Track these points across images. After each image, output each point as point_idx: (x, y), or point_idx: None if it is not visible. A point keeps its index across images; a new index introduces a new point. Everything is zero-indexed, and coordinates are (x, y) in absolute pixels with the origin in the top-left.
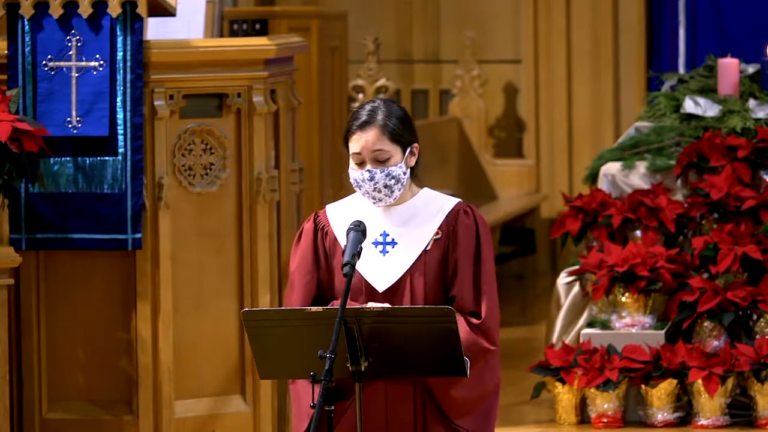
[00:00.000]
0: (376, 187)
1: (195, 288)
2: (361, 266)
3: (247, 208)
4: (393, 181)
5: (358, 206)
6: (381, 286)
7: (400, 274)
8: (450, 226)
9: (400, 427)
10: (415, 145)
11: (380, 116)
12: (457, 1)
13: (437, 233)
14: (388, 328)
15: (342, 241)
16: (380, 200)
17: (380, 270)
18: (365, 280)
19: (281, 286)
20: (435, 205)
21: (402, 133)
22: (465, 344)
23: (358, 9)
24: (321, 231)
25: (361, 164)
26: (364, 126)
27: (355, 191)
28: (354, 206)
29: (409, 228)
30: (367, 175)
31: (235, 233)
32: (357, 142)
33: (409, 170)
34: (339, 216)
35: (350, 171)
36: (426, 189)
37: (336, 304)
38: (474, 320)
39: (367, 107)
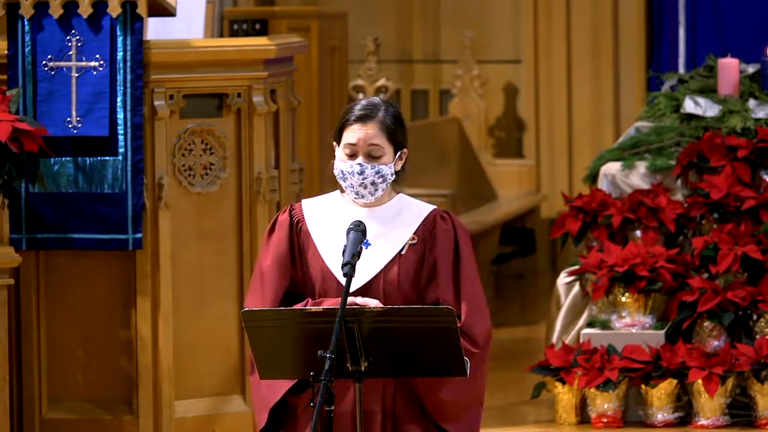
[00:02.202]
0: (363, 183)
1: (195, 288)
2: (333, 265)
3: (247, 208)
4: (380, 179)
5: (334, 205)
6: (352, 285)
7: (372, 275)
8: (427, 231)
9: (368, 421)
10: (405, 150)
11: (381, 113)
12: (457, 1)
13: (413, 238)
14: (388, 328)
15: (315, 236)
16: (363, 197)
17: None
18: (337, 279)
19: None
20: (411, 211)
21: (398, 134)
22: None
23: (358, 9)
24: (296, 224)
25: (352, 156)
26: (365, 119)
27: (332, 190)
28: (330, 204)
29: (385, 230)
30: (357, 168)
31: (235, 233)
32: (354, 133)
33: (394, 174)
34: (314, 212)
35: (338, 162)
36: (402, 194)
37: (312, 304)
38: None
39: (367, 102)
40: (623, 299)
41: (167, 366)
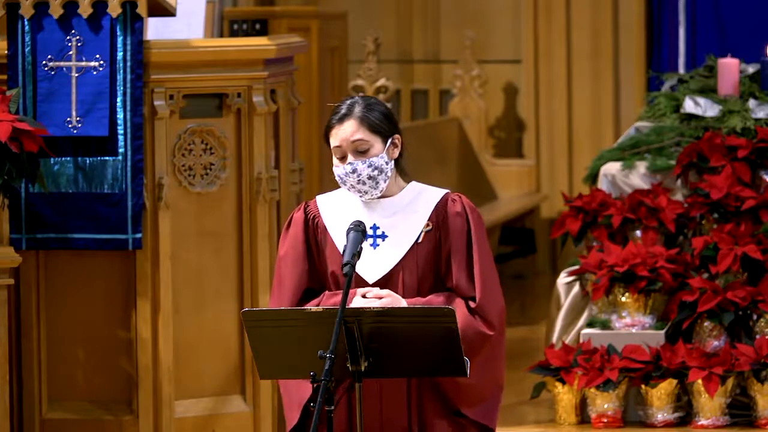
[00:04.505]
0: (360, 179)
1: (195, 288)
2: None
3: (247, 208)
4: (376, 171)
5: (347, 198)
6: (371, 278)
7: (391, 267)
8: (440, 216)
9: (394, 423)
10: (397, 136)
11: (358, 109)
12: (457, 1)
13: (428, 225)
14: (388, 328)
15: (332, 231)
16: (366, 192)
17: (371, 262)
18: (356, 272)
19: None
20: (423, 197)
21: (381, 123)
22: (462, 330)
23: (358, 9)
24: (312, 221)
25: (342, 159)
26: (342, 119)
27: (332, 189)
28: (344, 198)
29: (399, 220)
30: (349, 168)
31: (235, 233)
32: (336, 136)
33: (393, 162)
34: (329, 207)
35: (334, 168)
36: (414, 182)
37: (329, 296)
38: (471, 303)
39: (346, 102)
40: (623, 299)
41: (167, 366)
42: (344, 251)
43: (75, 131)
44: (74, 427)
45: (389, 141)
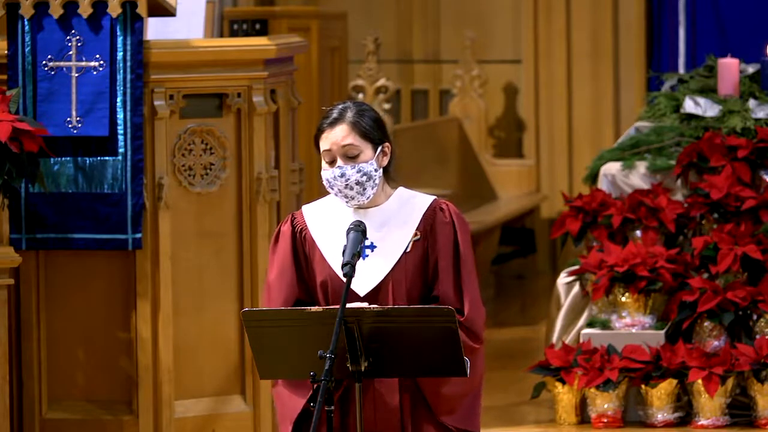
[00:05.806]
0: (347, 184)
1: (195, 288)
2: (341, 271)
3: (247, 208)
4: (365, 177)
5: (335, 208)
6: (362, 290)
7: (381, 278)
8: (428, 225)
9: (387, 423)
10: (387, 144)
11: (349, 114)
12: (457, 1)
13: (416, 234)
14: (388, 328)
15: (320, 243)
16: (352, 198)
17: (360, 274)
18: (345, 283)
19: None
20: (411, 206)
21: (372, 130)
22: None
23: (358, 9)
24: (299, 233)
25: (331, 163)
26: (333, 123)
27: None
28: (331, 208)
29: (387, 230)
30: (338, 171)
31: (235, 233)
32: (327, 140)
33: (381, 170)
34: (316, 218)
35: (322, 172)
36: (401, 189)
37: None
38: (458, 317)
39: (338, 107)
40: (623, 299)
41: (167, 366)
42: (344, 251)
43: (75, 131)
44: (74, 427)
45: (379, 149)
